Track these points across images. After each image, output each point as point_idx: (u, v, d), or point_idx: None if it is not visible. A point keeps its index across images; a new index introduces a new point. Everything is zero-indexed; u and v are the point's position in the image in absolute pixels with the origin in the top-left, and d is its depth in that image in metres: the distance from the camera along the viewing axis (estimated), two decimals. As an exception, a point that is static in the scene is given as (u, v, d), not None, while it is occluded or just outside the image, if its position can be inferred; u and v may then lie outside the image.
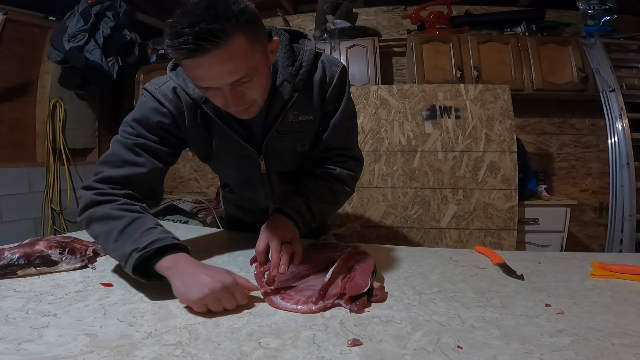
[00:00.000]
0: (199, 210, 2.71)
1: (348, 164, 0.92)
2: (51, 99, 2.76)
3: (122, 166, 0.74)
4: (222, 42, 0.59)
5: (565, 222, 2.21)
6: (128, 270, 0.64)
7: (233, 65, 0.62)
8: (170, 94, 0.78)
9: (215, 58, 0.60)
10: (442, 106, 1.95)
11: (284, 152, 0.89)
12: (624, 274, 0.73)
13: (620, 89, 2.27)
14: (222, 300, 0.58)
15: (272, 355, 0.46)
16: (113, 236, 0.66)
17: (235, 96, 0.67)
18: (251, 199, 1.04)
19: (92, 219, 0.70)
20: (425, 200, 1.95)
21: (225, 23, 0.59)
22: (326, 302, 0.60)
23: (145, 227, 0.67)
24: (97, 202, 0.70)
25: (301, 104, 0.83)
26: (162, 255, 0.63)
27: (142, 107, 0.79)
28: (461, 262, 0.84)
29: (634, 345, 0.48)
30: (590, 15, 2.50)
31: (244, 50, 0.62)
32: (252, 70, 0.65)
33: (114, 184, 0.73)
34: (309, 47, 0.81)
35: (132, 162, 0.75)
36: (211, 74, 0.63)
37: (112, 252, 0.67)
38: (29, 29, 2.61)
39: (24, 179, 2.57)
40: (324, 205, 0.88)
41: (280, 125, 0.83)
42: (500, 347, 0.48)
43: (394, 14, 2.91)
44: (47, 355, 0.45)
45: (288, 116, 0.83)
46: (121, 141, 0.76)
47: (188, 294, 0.58)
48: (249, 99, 0.69)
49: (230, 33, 0.60)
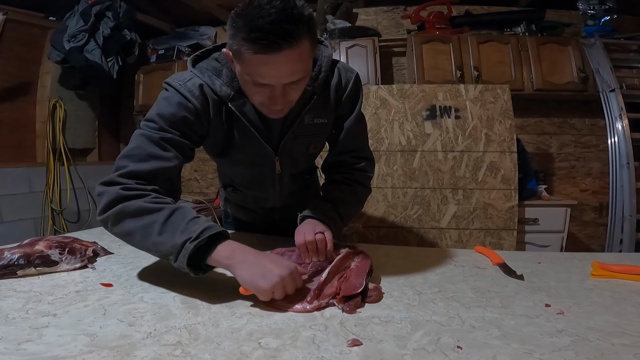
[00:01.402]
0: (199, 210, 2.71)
1: (363, 165, 0.97)
2: (51, 99, 2.76)
3: (148, 160, 0.71)
4: (294, 43, 0.62)
5: (565, 222, 2.21)
6: (181, 262, 0.61)
7: (297, 66, 0.66)
8: (196, 91, 0.78)
9: (285, 57, 0.63)
10: (442, 106, 1.95)
11: (298, 154, 0.92)
12: (624, 274, 0.73)
13: (620, 89, 2.27)
14: (287, 287, 0.60)
15: (271, 355, 0.46)
16: (156, 229, 0.62)
17: (284, 95, 0.70)
18: (257, 199, 1.05)
19: (123, 214, 0.65)
20: (425, 200, 1.95)
21: (300, 26, 0.62)
22: (321, 301, 0.60)
23: (188, 216, 0.65)
24: (127, 197, 0.65)
25: (317, 107, 0.86)
26: (214, 244, 0.62)
27: (167, 102, 0.77)
28: (461, 262, 0.84)
29: (634, 345, 0.47)
30: (590, 15, 2.50)
31: (307, 54, 0.67)
32: (306, 74, 0.70)
33: (140, 179, 0.69)
34: (327, 53, 0.84)
35: (159, 156, 0.72)
36: (276, 71, 0.65)
37: (157, 246, 0.63)
38: (29, 29, 2.61)
39: (24, 179, 2.57)
40: (350, 207, 0.92)
41: (297, 127, 0.86)
42: (500, 347, 0.48)
43: (394, 14, 2.91)
44: (47, 355, 0.45)
45: (305, 119, 0.85)
46: (146, 135, 0.73)
47: (259, 283, 0.59)
48: (290, 99, 0.73)
49: (302, 36, 0.63)
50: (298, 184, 1.04)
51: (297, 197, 1.06)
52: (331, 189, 0.94)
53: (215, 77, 0.79)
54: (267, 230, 1.09)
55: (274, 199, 1.02)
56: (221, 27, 3.04)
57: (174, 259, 0.61)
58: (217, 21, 3.03)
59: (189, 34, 3.09)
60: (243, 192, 1.05)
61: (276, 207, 1.05)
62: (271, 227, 1.10)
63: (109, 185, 0.68)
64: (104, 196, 0.67)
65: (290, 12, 0.61)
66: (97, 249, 0.88)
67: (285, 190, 1.00)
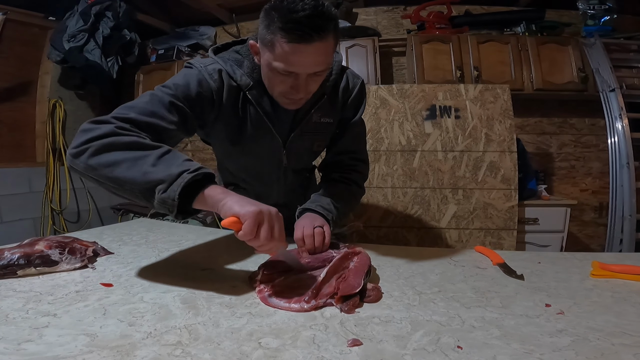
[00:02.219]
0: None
1: (359, 167, 1.04)
2: (51, 99, 2.76)
3: (150, 116, 0.70)
4: (324, 37, 0.69)
5: (565, 222, 2.21)
6: (173, 192, 0.57)
7: (323, 58, 0.73)
8: (215, 75, 0.81)
9: (314, 48, 0.70)
10: (442, 106, 1.95)
11: (303, 150, 0.98)
12: (624, 274, 0.73)
13: (620, 88, 2.27)
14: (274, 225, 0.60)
15: (272, 355, 0.46)
16: (149, 161, 0.60)
17: (306, 85, 0.76)
18: (260, 195, 1.04)
19: (112, 145, 0.61)
20: (425, 200, 1.95)
21: (329, 23, 0.69)
22: (318, 301, 0.60)
23: (184, 157, 0.64)
24: (120, 133, 0.63)
25: (326, 107, 0.92)
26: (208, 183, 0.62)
27: (187, 75, 0.79)
28: (461, 262, 0.84)
29: (634, 345, 0.47)
30: (590, 15, 2.50)
31: (332, 49, 0.74)
32: (327, 67, 0.76)
33: (137, 127, 0.67)
34: (337, 58, 0.92)
35: (161, 116, 0.72)
36: (305, 61, 0.71)
37: (145, 175, 0.59)
38: (29, 29, 2.62)
39: (23, 179, 2.57)
40: (346, 205, 0.97)
41: (305, 124, 0.92)
42: (500, 347, 0.48)
43: (393, 13, 2.91)
44: (47, 355, 0.45)
45: (313, 117, 0.92)
46: (157, 95, 0.74)
47: (247, 207, 0.58)
48: (310, 90, 0.79)
49: (329, 32, 0.70)
50: (299, 181, 1.08)
51: (297, 195, 1.08)
52: (330, 186, 0.98)
53: (236, 67, 0.84)
54: None
55: (277, 195, 1.05)
56: (221, 27, 3.04)
57: (163, 189, 0.58)
58: (217, 21, 3.03)
59: (188, 34, 3.09)
60: (246, 189, 1.07)
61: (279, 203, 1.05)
62: None
63: (101, 123, 0.65)
64: (90, 131, 0.63)
65: (321, 9, 0.68)
66: (97, 249, 0.88)
67: (288, 186, 1.04)
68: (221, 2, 2.84)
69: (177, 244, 1.02)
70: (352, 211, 1.16)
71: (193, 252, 0.94)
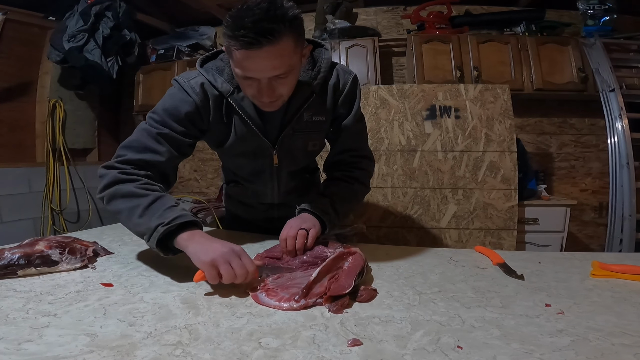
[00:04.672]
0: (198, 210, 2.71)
1: (362, 164, 1.02)
2: (51, 99, 2.76)
3: (144, 152, 0.81)
4: (275, 41, 0.68)
5: (565, 222, 2.21)
6: (152, 243, 0.69)
7: (279, 62, 0.72)
8: (197, 88, 0.85)
9: (266, 53, 0.69)
10: (442, 106, 1.95)
11: (296, 150, 0.97)
12: (624, 274, 0.73)
13: (620, 88, 2.27)
14: (231, 262, 0.64)
15: (272, 355, 0.46)
16: (138, 212, 0.72)
17: (269, 89, 0.76)
18: (256, 193, 1.07)
19: (116, 195, 0.76)
20: (425, 200, 1.95)
21: (280, 25, 0.68)
22: (308, 300, 0.60)
23: (167, 205, 0.73)
24: (121, 180, 0.76)
25: (316, 105, 0.91)
26: (182, 230, 0.70)
27: (171, 97, 0.86)
28: (461, 262, 0.84)
29: (634, 345, 0.48)
30: (590, 15, 2.50)
31: (290, 51, 0.72)
32: (290, 69, 0.75)
33: (135, 165, 0.80)
34: (326, 55, 0.91)
35: (152, 149, 0.82)
36: (259, 66, 0.71)
37: (136, 226, 0.73)
38: (28, 29, 2.61)
39: (23, 179, 2.57)
40: (347, 204, 0.96)
41: (296, 123, 0.91)
42: (500, 347, 0.48)
43: (393, 13, 2.91)
44: (47, 355, 0.45)
45: (304, 116, 0.91)
46: (146, 129, 0.83)
47: (200, 255, 0.64)
48: (279, 93, 0.78)
49: (283, 34, 0.69)
50: (297, 182, 1.07)
51: (297, 196, 1.07)
52: (330, 185, 0.98)
53: (217, 75, 0.86)
54: (267, 228, 1.10)
55: (272, 194, 1.05)
56: (221, 27, 3.04)
57: (147, 239, 0.70)
58: (217, 21, 3.03)
59: (188, 34, 3.09)
60: (244, 186, 1.08)
61: (274, 203, 1.08)
62: (270, 224, 1.11)
63: (109, 168, 0.80)
64: (104, 177, 0.78)
65: (273, 12, 0.67)
66: (98, 249, 0.88)
67: (283, 186, 1.04)
68: (221, 2, 2.83)
69: (177, 244, 1.02)
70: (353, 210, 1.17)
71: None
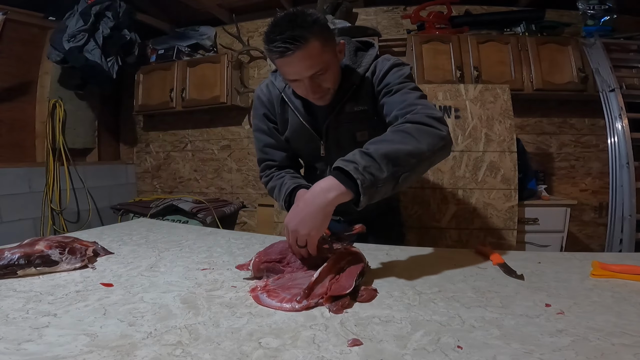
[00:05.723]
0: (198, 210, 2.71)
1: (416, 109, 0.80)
2: (51, 99, 2.76)
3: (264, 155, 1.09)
4: (302, 45, 0.78)
5: (565, 222, 2.21)
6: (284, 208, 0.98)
7: (310, 62, 0.81)
8: (265, 89, 1.07)
9: (297, 57, 0.79)
10: (442, 106, 1.95)
11: (344, 141, 1.01)
12: (624, 273, 0.73)
13: (620, 88, 2.27)
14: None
15: (272, 355, 0.46)
16: (276, 190, 1.02)
17: (314, 86, 0.86)
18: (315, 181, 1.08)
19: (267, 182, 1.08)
20: (425, 200, 1.95)
21: (304, 31, 0.77)
22: (310, 301, 0.60)
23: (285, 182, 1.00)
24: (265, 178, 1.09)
25: (357, 96, 0.97)
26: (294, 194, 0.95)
27: (254, 102, 1.10)
28: (461, 262, 0.84)
29: (634, 345, 0.48)
30: (590, 15, 2.50)
31: (318, 51, 0.81)
32: (326, 66, 0.84)
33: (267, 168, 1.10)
34: (371, 52, 0.99)
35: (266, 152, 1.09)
36: (295, 69, 0.82)
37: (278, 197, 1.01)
38: (28, 29, 2.61)
39: (23, 179, 2.57)
40: (392, 145, 0.70)
41: (339, 114, 0.98)
42: (500, 347, 0.48)
43: (393, 13, 2.91)
44: (47, 355, 0.45)
45: (346, 107, 0.97)
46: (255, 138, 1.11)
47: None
48: (324, 88, 0.88)
49: (309, 39, 0.78)
50: None
51: None
52: None
53: (278, 76, 1.04)
54: None
55: None
56: (221, 27, 3.04)
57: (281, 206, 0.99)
58: (217, 21, 3.03)
59: (188, 34, 3.09)
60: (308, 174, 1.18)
61: None
62: None
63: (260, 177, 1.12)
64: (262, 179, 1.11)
65: (296, 23, 0.77)
66: (97, 249, 0.88)
67: None
68: (221, 2, 2.83)
69: (177, 244, 1.02)
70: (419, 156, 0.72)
71: (193, 253, 0.94)
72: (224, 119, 3.16)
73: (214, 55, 2.99)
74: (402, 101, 0.85)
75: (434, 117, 0.77)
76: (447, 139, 0.76)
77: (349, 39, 1.01)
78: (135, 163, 3.51)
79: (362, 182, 0.65)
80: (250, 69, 3.09)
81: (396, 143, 0.71)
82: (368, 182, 0.66)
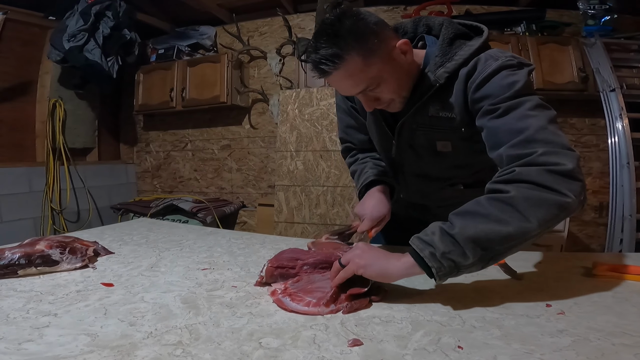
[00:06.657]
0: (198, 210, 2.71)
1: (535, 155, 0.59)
2: (51, 99, 2.76)
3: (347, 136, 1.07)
4: (339, 64, 0.67)
5: (565, 222, 2.21)
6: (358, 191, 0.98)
7: (352, 81, 0.71)
8: None
9: (335, 77, 0.70)
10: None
11: (421, 148, 0.85)
12: (624, 274, 0.73)
13: (621, 88, 2.26)
14: None
15: (272, 355, 0.46)
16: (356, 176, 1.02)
17: (369, 100, 0.77)
18: None
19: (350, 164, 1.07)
20: (425, 200, 1.94)
21: (336, 49, 0.66)
22: (338, 305, 0.60)
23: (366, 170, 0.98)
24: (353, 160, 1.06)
25: (443, 98, 0.76)
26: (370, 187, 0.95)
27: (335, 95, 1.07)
28: (461, 262, 0.84)
29: (634, 345, 0.47)
30: (590, 15, 2.50)
31: (360, 67, 0.69)
32: (374, 80, 0.72)
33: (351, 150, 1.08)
34: (473, 42, 0.74)
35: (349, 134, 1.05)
36: (339, 88, 0.75)
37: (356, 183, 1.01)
38: (28, 29, 2.61)
39: (23, 179, 2.57)
40: (485, 225, 0.56)
41: (416, 114, 0.80)
42: (500, 347, 0.48)
43: (394, 13, 2.91)
44: (48, 355, 0.45)
45: (429, 110, 0.79)
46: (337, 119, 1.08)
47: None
48: (385, 100, 0.77)
49: (343, 57, 0.67)
50: (432, 188, 0.94)
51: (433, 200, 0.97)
52: None
53: None
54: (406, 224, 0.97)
55: (400, 190, 0.99)
56: (221, 26, 3.04)
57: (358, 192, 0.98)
58: (217, 21, 3.03)
59: (188, 34, 3.09)
60: None
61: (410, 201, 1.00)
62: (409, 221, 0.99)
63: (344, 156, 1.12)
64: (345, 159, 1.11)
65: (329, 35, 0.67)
66: (98, 249, 0.88)
67: (411, 186, 0.96)
68: (221, 2, 2.83)
69: (177, 244, 1.02)
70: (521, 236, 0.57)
71: (193, 252, 0.94)
72: (224, 118, 3.16)
73: (214, 55, 2.99)
74: (516, 132, 0.62)
75: (559, 173, 0.57)
76: (572, 206, 0.56)
77: (450, 21, 0.78)
78: (135, 163, 3.51)
79: (437, 270, 0.57)
80: (250, 69, 3.09)
81: (492, 221, 0.56)
82: (446, 269, 0.57)
